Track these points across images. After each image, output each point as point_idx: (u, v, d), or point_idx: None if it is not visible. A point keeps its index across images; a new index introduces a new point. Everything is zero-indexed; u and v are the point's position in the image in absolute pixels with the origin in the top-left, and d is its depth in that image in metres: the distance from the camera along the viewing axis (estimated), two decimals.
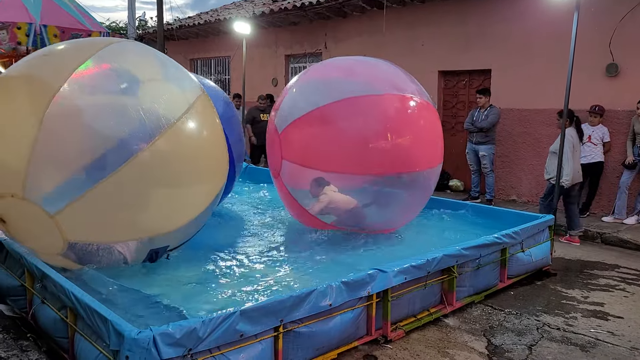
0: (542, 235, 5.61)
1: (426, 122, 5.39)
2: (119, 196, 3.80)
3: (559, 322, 4.42)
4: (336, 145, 5.02)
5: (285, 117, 5.39)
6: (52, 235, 3.83)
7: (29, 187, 3.71)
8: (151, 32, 17.76)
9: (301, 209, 5.53)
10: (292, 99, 5.50)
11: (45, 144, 3.66)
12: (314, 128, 5.16)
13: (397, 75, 5.54)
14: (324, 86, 5.32)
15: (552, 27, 8.37)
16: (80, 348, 3.26)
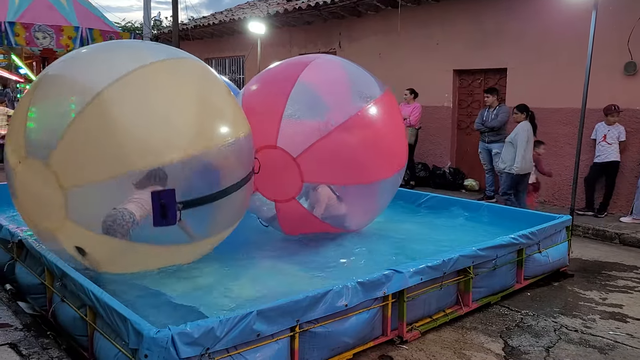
0: (559, 235, 5.57)
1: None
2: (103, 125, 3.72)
3: (576, 323, 4.38)
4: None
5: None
6: (49, 185, 3.74)
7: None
8: (166, 32, 17.88)
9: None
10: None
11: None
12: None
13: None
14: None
15: (569, 25, 8.28)
16: (99, 346, 3.31)
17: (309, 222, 5.26)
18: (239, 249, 5.14)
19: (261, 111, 4.98)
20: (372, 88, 5.31)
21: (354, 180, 5.10)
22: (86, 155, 3.69)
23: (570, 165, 8.10)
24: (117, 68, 3.91)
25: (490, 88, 9.00)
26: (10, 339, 3.63)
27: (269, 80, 5.41)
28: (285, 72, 5.35)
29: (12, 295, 4.55)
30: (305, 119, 4.97)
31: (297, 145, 4.85)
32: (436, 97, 10.33)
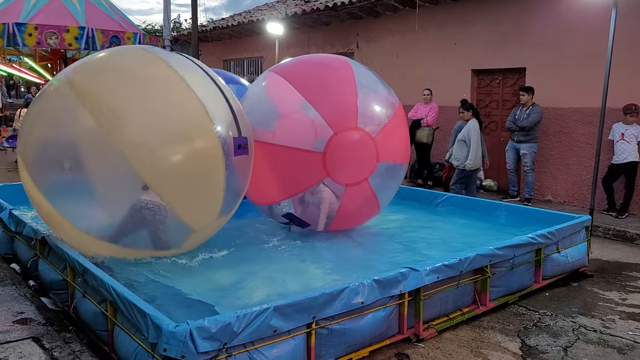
0: (579, 236, 5.51)
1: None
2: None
3: (595, 324, 4.34)
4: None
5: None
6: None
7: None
8: (186, 34, 18.06)
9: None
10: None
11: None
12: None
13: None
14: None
15: (589, 24, 8.19)
16: (119, 341, 3.37)
17: (369, 207, 5.55)
18: (255, 249, 5.19)
19: (330, 96, 5.13)
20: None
21: (406, 160, 5.68)
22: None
23: (590, 166, 8.01)
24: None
25: (527, 87, 8.87)
26: (34, 333, 3.72)
27: (318, 66, 5.52)
28: (328, 60, 5.66)
29: (35, 291, 4.65)
30: (375, 102, 5.29)
31: (374, 125, 5.14)
32: (454, 97, 10.27)
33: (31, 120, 4.41)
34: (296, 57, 6.03)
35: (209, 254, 4.90)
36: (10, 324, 3.86)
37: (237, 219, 5.97)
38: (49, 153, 4.22)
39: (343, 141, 4.99)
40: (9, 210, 5.53)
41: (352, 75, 5.30)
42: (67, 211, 4.25)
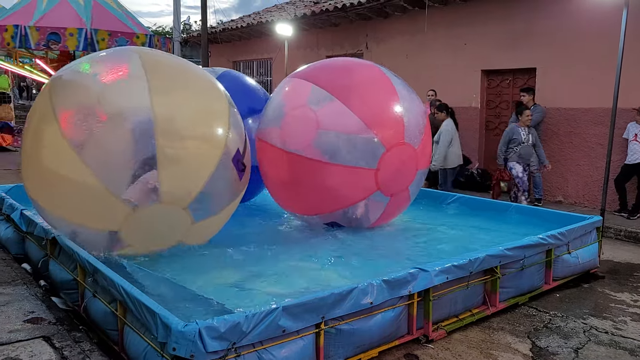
0: (590, 236, 5.47)
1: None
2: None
3: (607, 325, 4.30)
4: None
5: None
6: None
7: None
8: (195, 36, 18.14)
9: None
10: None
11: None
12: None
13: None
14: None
15: (600, 24, 8.14)
16: (129, 340, 3.38)
17: (403, 207, 5.99)
18: (263, 249, 5.20)
19: (381, 113, 5.35)
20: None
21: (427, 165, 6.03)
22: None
23: (602, 166, 7.94)
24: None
25: (527, 87, 8.87)
26: (45, 332, 3.75)
27: (362, 80, 5.55)
28: (368, 69, 5.73)
29: (46, 291, 4.68)
30: (415, 114, 5.54)
31: (416, 138, 5.48)
32: (464, 98, 10.26)
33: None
34: (331, 64, 6.00)
35: (219, 254, 4.92)
36: (21, 323, 3.89)
37: (244, 217, 6.00)
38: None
39: (394, 157, 5.31)
40: (20, 210, 5.58)
41: (393, 88, 5.51)
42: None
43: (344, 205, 5.52)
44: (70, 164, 4.18)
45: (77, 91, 4.42)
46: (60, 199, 4.40)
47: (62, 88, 4.52)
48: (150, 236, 4.62)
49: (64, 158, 4.20)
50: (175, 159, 4.33)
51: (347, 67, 5.77)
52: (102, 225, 4.42)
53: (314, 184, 5.34)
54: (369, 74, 5.68)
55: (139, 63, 4.53)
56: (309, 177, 5.33)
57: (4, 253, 5.70)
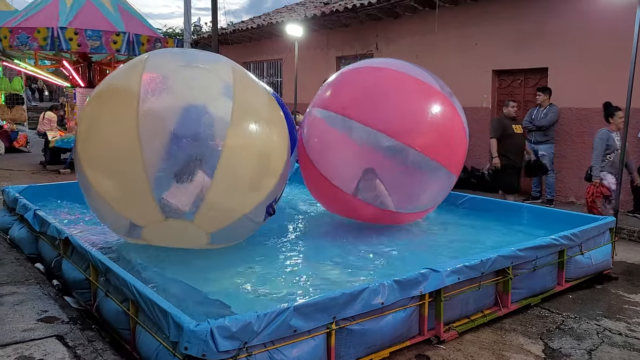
0: (603, 237, 5.42)
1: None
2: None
3: (620, 327, 4.26)
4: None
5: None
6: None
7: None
8: (206, 37, 18.21)
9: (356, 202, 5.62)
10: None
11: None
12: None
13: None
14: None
15: (613, 23, 8.07)
16: (141, 339, 3.40)
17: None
18: (275, 249, 5.21)
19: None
20: None
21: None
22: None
23: None
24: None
25: (544, 87, 8.81)
26: (57, 331, 3.77)
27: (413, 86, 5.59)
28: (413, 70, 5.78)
29: (59, 290, 4.72)
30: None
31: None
32: (475, 98, 10.21)
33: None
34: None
35: (231, 253, 4.93)
36: (34, 322, 3.92)
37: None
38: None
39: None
40: (33, 210, 5.63)
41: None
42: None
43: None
44: (132, 153, 4.09)
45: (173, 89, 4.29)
46: (108, 180, 4.36)
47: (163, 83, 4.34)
48: (167, 240, 4.73)
49: (129, 148, 4.10)
50: (225, 185, 4.25)
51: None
52: (132, 217, 4.46)
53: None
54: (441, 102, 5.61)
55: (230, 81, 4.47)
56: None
57: (18, 253, 5.75)
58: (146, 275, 4.30)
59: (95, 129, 4.39)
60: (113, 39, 11.81)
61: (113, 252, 5.00)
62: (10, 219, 6.47)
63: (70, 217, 6.48)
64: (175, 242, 4.77)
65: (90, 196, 4.60)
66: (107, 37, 11.73)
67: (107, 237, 5.44)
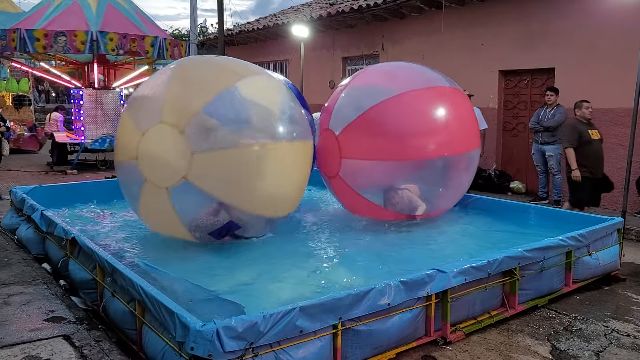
0: (610, 238, 5.39)
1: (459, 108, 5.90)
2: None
3: (628, 328, 4.23)
4: (383, 137, 5.51)
5: (342, 119, 5.74)
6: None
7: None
8: (212, 38, 18.25)
9: (364, 202, 5.79)
10: (343, 103, 5.89)
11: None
12: (365, 129, 5.58)
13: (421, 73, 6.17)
14: (367, 91, 5.85)
15: (620, 23, 8.02)
16: (147, 339, 3.40)
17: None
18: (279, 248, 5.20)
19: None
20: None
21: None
22: None
23: (623, 167, 7.82)
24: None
25: (554, 87, 8.75)
26: (64, 331, 3.78)
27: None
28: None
29: (65, 290, 4.73)
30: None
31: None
32: (481, 99, 10.17)
33: None
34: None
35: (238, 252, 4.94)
36: (41, 322, 3.94)
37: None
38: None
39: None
40: (40, 211, 5.66)
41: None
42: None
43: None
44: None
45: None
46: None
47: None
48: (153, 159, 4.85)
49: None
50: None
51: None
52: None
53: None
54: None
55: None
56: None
57: (25, 253, 5.78)
58: (154, 275, 4.32)
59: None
60: (148, 43, 12.19)
61: (119, 252, 5.02)
62: (17, 219, 6.50)
63: (77, 217, 6.50)
64: (163, 158, 4.72)
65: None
66: (141, 42, 12.06)
67: (114, 236, 5.46)
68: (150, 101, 4.93)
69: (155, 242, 5.41)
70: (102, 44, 11.60)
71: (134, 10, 13.14)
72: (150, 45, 12.23)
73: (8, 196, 7.49)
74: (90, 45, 11.52)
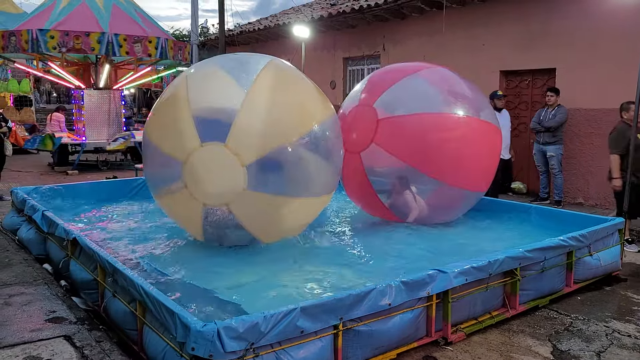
0: (612, 238, 5.38)
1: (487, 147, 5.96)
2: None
3: (630, 329, 4.23)
4: (419, 146, 5.61)
5: (391, 107, 5.81)
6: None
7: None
8: (213, 39, 18.26)
9: (368, 189, 5.87)
10: (401, 93, 5.90)
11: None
12: (410, 129, 5.67)
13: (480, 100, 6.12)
14: (430, 94, 5.83)
15: (621, 23, 8.02)
16: (148, 340, 3.40)
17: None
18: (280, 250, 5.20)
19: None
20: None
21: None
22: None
23: None
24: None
25: (555, 87, 8.75)
26: (65, 331, 3.79)
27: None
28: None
29: (66, 290, 4.74)
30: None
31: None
32: None
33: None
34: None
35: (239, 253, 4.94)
36: (42, 323, 3.94)
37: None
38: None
39: None
40: (41, 211, 5.66)
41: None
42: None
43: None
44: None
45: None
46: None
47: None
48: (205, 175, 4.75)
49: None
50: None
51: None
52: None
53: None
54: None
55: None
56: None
57: (26, 254, 5.78)
58: (155, 276, 4.32)
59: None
60: (152, 45, 12.25)
61: (121, 252, 5.02)
62: (18, 220, 6.51)
63: (79, 218, 6.51)
64: (213, 180, 4.68)
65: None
66: (145, 44, 12.11)
67: (115, 237, 5.47)
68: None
69: (156, 242, 5.43)
70: (116, 46, 11.68)
71: (135, 11, 13.16)
72: (154, 48, 12.28)
73: (9, 197, 7.50)
74: (105, 47, 11.60)
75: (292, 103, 4.81)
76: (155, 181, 5.09)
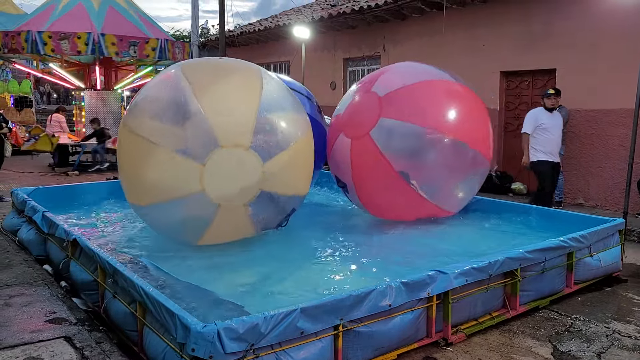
0: (612, 239, 5.38)
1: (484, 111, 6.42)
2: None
3: (630, 329, 4.22)
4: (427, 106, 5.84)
5: (390, 85, 6.03)
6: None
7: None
8: (213, 40, 18.26)
9: (387, 169, 5.74)
10: (394, 75, 6.26)
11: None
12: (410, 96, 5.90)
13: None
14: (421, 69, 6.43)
15: (621, 24, 8.02)
16: (148, 341, 3.40)
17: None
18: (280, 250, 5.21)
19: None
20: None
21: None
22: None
23: (624, 168, 7.81)
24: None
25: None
26: (65, 332, 3.79)
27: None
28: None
29: (67, 291, 4.74)
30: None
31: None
32: (483, 99, 10.12)
33: None
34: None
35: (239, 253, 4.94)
36: (43, 324, 3.94)
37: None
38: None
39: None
40: (42, 212, 5.66)
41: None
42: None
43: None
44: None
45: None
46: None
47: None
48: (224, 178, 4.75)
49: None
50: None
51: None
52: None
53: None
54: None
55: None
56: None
57: (26, 255, 5.78)
58: (155, 276, 4.32)
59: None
60: (150, 46, 12.35)
61: (121, 253, 5.02)
62: (19, 220, 6.51)
63: (78, 219, 6.51)
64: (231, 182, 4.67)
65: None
66: (142, 44, 12.18)
67: (115, 238, 5.46)
68: (193, 130, 4.53)
69: (156, 243, 5.43)
70: (104, 46, 11.70)
71: (134, 11, 13.17)
72: (151, 50, 12.27)
73: (9, 197, 7.50)
74: (92, 48, 11.60)
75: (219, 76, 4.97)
76: (190, 229, 4.94)
